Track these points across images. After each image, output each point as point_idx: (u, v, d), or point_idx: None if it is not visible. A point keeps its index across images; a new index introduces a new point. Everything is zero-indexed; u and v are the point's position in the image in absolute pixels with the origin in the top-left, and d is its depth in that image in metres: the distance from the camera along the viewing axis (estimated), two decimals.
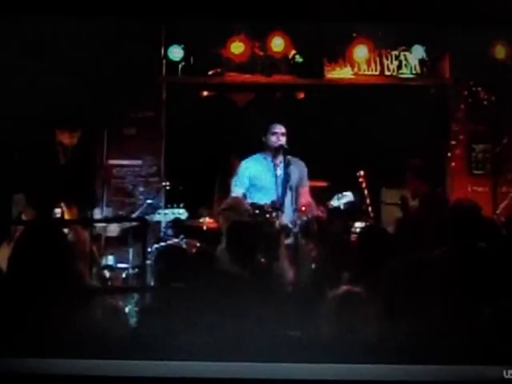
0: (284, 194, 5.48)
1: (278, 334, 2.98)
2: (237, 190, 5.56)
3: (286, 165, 5.51)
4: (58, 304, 2.91)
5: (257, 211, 5.11)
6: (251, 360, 2.74)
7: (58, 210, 4.99)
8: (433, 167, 5.90)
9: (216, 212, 5.69)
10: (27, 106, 5.87)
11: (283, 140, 5.56)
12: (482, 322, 2.91)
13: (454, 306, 3.09)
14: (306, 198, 5.62)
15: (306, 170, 5.72)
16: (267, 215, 5.08)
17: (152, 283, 3.97)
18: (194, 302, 3.08)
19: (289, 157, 5.54)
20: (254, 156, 5.70)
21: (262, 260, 4.04)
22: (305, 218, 5.25)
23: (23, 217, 4.97)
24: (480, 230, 3.99)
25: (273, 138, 5.58)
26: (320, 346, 2.82)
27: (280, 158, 5.57)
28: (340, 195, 5.60)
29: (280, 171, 5.55)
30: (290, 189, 5.46)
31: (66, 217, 4.95)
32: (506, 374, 2.74)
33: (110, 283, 5.27)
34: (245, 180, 5.60)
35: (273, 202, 5.28)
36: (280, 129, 5.59)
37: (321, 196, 5.82)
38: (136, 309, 3.85)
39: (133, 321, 3.65)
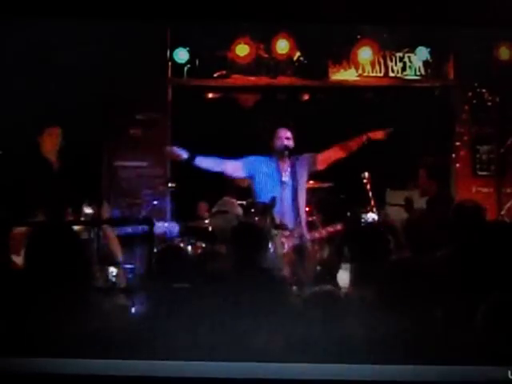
0: (290, 198, 5.46)
1: (279, 334, 3.00)
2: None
3: (292, 166, 5.50)
4: (63, 304, 2.92)
5: (247, 212, 5.14)
6: (255, 360, 2.75)
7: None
8: (444, 167, 5.92)
9: (207, 215, 5.71)
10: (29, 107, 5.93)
11: (289, 144, 5.54)
12: (487, 321, 2.92)
13: (457, 305, 3.10)
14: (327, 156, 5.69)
15: (312, 159, 5.68)
16: (258, 216, 5.10)
17: (155, 283, 3.99)
18: (195, 303, 3.09)
19: (293, 157, 5.53)
20: (260, 158, 5.66)
21: (255, 260, 4.04)
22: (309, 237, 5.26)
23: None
24: (484, 230, 4.01)
25: (278, 143, 5.56)
26: (323, 346, 2.83)
27: (286, 162, 5.54)
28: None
29: (286, 177, 5.52)
30: (296, 190, 5.44)
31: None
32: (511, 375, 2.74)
33: (116, 284, 5.29)
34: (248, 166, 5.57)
35: (273, 198, 5.25)
36: (285, 133, 5.58)
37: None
38: (140, 309, 3.88)
39: (137, 321, 3.67)
